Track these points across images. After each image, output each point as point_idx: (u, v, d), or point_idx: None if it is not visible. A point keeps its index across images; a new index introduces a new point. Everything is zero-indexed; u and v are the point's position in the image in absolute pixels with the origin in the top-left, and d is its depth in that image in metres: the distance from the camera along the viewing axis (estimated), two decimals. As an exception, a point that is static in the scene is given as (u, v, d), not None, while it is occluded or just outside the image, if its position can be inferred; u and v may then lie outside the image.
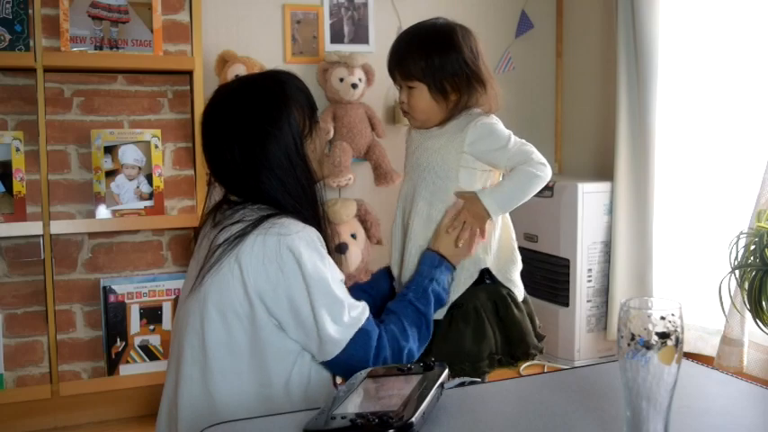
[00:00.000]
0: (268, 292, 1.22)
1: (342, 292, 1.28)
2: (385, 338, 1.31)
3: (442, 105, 1.53)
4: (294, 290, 1.22)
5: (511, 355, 1.55)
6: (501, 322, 1.56)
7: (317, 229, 1.32)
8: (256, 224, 1.24)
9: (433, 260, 1.48)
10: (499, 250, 1.57)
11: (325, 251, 1.28)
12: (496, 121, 1.55)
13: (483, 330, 1.53)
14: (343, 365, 1.27)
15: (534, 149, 1.52)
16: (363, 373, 1.11)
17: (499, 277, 1.56)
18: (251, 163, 1.30)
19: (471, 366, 1.50)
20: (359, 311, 1.29)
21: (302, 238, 1.24)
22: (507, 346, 1.55)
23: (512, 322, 1.56)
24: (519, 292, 1.62)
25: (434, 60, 1.51)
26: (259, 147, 1.30)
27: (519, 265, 1.61)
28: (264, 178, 1.31)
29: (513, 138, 1.53)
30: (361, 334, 1.27)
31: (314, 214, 1.35)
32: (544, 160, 1.52)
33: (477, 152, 1.52)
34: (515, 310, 1.58)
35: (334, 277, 1.27)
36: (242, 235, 1.23)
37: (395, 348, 1.32)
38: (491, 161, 1.54)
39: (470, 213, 1.49)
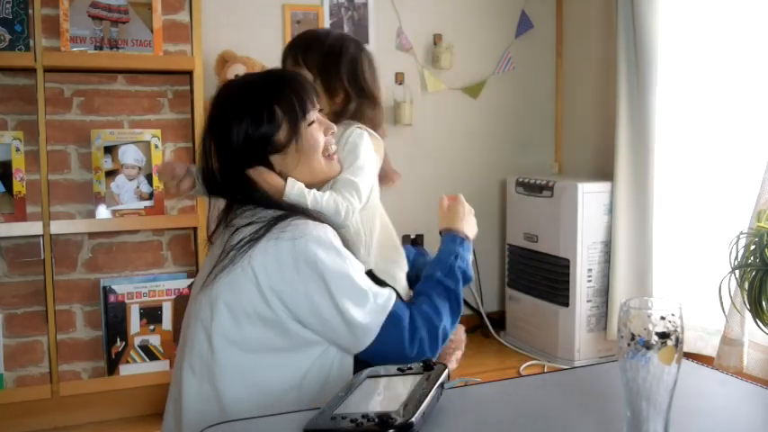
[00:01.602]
0: (287, 293, 1.22)
1: (365, 283, 1.26)
2: (418, 319, 1.30)
3: (327, 104, 1.55)
4: (313, 291, 1.22)
5: None
6: None
7: None
8: (269, 227, 1.24)
9: (454, 238, 1.47)
10: (380, 249, 1.56)
11: (340, 244, 1.27)
12: (366, 144, 1.51)
13: None
14: (379, 355, 1.25)
15: (363, 192, 1.45)
16: (364, 373, 1.11)
17: (384, 277, 1.56)
18: (233, 169, 1.30)
19: None
20: (385, 297, 1.28)
21: (315, 238, 1.23)
22: None
23: None
24: (405, 293, 1.62)
25: (333, 59, 1.54)
26: (241, 153, 1.29)
27: (404, 267, 1.58)
28: (247, 185, 1.30)
29: (362, 172, 1.48)
30: (392, 319, 1.25)
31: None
32: (352, 208, 1.43)
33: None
34: None
35: (355, 269, 1.26)
36: (255, 239, 1.23)
37: (430, 328, 1.31)
38: None
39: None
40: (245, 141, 1.29)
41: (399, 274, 1.58)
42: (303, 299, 1.22)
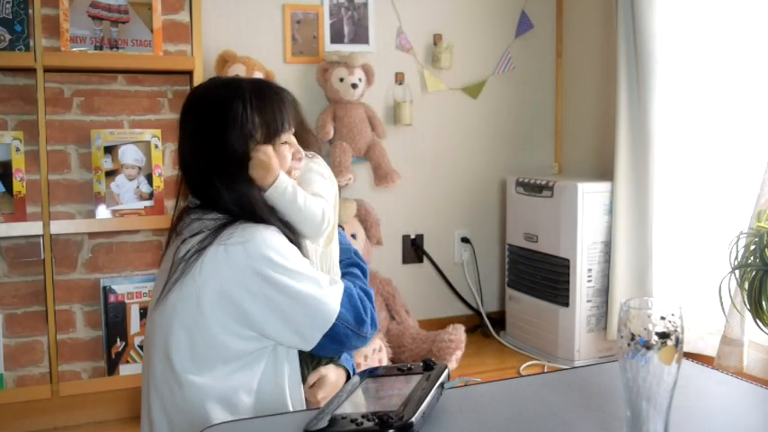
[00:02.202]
0: (243, 297, 1.21)
1: (315, 272, 1.29)
2: (361, 290, 1.35)
3: None
4: (270, 289, 1.21)
5: None
6: None
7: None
8: (215, 234, 1.23)
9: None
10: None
11: (286, 240, 1.26)
12: (325, 174, 1.47)
13: None
14: (341, 332, 1.27)
15: (331, 202, 1.41)
16: (364, 373, 1.12)
17: None
18: (198, 167, 1.30)
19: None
20: (332, 279, 1.32)
21: (263, 238, 1.22)
22: None
23: None
24: None
25: None
26: (211, 152, 1.28)
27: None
28: (211, 184, 1.29)
29: (323, 188, 1.43)
30: (346, 292, 1.30)
31: (276, 221, 1.30)
32: (321, 225, 1.38)
33: None
34: None
35: (304, 261, 1.28)
36: (202, 248, 1.22)
37: (369, 296, 1.37)
38: None
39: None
40: (217, 144, 1.27)
41: None
42: (261, 299, 1.22)
